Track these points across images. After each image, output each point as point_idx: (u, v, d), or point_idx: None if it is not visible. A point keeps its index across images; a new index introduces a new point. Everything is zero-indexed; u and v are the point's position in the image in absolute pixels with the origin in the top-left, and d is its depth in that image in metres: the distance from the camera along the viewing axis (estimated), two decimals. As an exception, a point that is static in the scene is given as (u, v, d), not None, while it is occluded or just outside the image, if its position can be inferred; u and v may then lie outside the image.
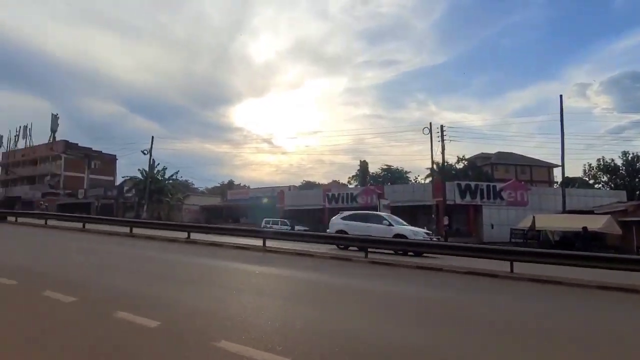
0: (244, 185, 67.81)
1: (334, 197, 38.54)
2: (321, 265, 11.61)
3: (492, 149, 59.31)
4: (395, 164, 62.92)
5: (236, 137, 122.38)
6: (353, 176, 64.30)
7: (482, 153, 56.44)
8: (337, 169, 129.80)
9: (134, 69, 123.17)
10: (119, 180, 58.08)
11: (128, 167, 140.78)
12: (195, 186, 68.12)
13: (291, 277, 9.15)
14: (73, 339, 4.01)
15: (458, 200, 33.06)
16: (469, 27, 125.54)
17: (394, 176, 59.95)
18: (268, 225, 32.47)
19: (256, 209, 42.12)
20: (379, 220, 17.33)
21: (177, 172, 47.16)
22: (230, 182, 69.95)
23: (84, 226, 19.25)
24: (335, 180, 67.45)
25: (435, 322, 5.61)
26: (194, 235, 16.25)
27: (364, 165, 60.37)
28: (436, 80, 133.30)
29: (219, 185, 72.65)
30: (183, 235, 16.33)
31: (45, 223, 20.78)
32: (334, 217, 18.50)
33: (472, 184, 35.26)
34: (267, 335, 4.21)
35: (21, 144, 61.99)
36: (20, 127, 62.06)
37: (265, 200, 42.04)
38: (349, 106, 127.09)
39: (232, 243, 14.97)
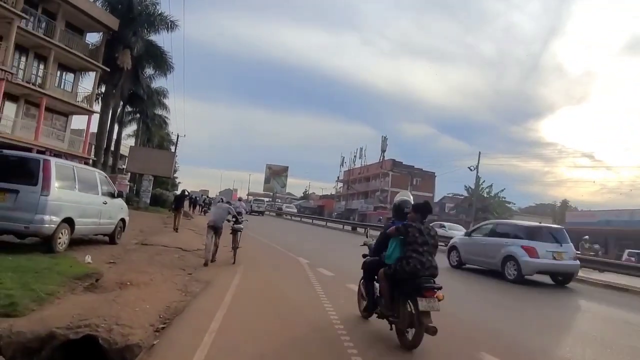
0: (568, 206, 57.39)
1: None
2: None
3: None
4: None
5: (548, 152, 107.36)
6: None
7: None
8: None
9: (443, 92, 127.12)
10: (437, 197, 59.50)
11: (440, 184, 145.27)
12: (509, 204, 62.39)
13: None
14: None
15: None
16: None
17: None
18: (632, 259, 25.35)
19: (608, 236, 34.07)
20: None
21: (502, 190, 43.85)
22: (564, 203, 59.73)
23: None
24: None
25: None
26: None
27: None
28: None
29: (534, 204, 64.42)
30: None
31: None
32: None
33: None
34: None
35: (358, 164, 72.66)
36: (357, 149, 73.04)
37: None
38: None
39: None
